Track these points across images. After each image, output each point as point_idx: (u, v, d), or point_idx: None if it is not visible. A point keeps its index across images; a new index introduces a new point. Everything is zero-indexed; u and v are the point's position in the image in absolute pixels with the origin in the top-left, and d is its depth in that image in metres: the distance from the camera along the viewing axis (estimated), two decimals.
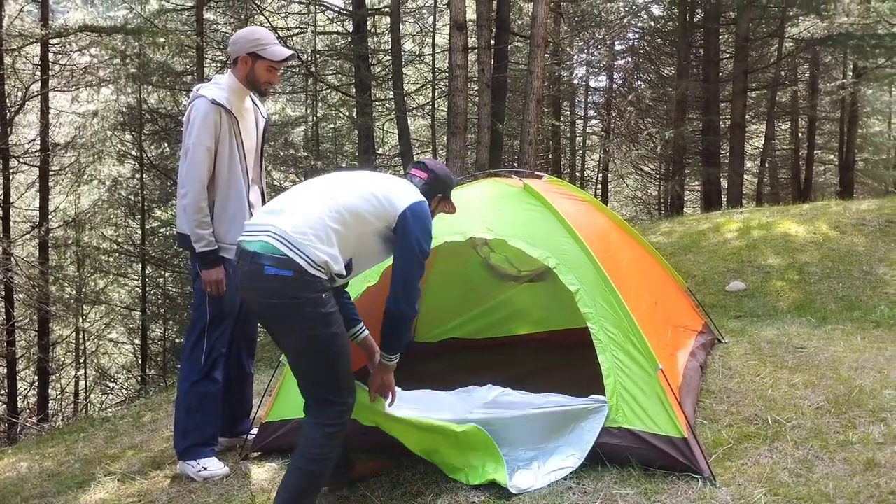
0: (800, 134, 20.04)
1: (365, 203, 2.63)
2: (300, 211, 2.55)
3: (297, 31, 15.45)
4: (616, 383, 3.06)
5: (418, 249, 2.68)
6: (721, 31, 16.44)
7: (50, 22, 12.22)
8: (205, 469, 3.29)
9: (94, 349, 16.38)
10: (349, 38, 15.02)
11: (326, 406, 2.61)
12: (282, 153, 14.53)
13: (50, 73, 12.11)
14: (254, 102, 3.49)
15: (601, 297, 3.21)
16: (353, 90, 14.90)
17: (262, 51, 3.23)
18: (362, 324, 3.01)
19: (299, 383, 2.70)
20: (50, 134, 12.91)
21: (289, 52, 3.29)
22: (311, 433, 2.60)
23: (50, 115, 12.79)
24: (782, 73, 17.79)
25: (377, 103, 15.89)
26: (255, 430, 3.62)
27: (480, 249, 5.11)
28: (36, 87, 11.96)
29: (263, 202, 3.55)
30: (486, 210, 3.67)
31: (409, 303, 2.67)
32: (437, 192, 2.97)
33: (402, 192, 2.73)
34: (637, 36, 18.23)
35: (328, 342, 2.56)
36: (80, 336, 15.73)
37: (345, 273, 2.62)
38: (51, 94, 12.77)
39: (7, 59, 10.93)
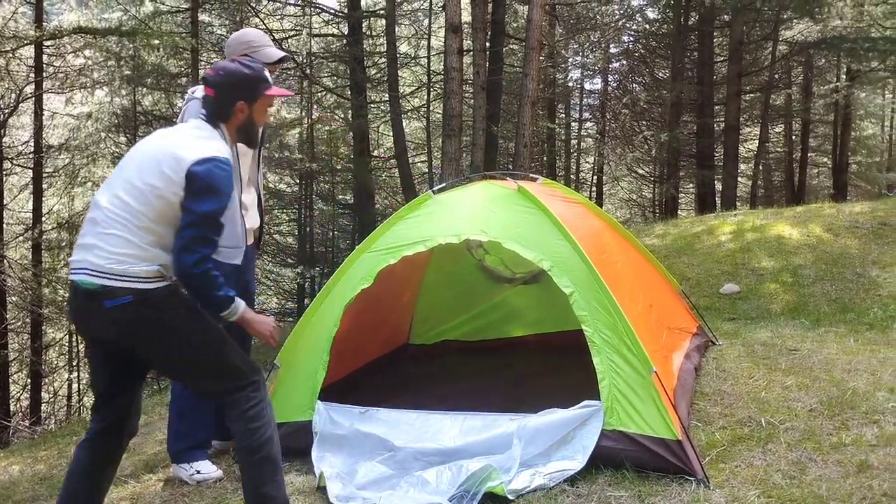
0: (793, 137, 20.12)
1: (156, 197, 2.42)
2: (108, 240, 2.40)
3: (292, 33, 15.43)
4: (611, 385, 3.06)
5: (198, 211, 2.40)
6: (715, 34, 16.50)
7: (44, 24, 12.18)
8: (198, 472, 3.29)
9: (87, 352, 16.31)
10: (344, 41, 15.00)
11: (235, 393, 2.52)
12: (276, 155, 14.50)
13: (44, 74, 12.06)
14: None
15: (595, 299, 3.22)
16: (349, 92, 14.89)
17: (254, 53, 3.23)
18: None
19: (198, 388, 2.60)
20: (44, 136, 12.86)
21: (281, 54, 3.28)
22: (237, 426, 2.52)
23: (44, 117, 12.73)
24: (776, 76, 17.84)
25: (372, 105, 15.87)
26: None
27: (475, 251, 5.12)
28: (30, 88, 11.92)
29: (260, 204, 3.56)
30: (480, 212, 3.67)
31: (182, 264, 2.38)
32: (236, 98, 2.60)
33: (185, 152, 2.44)
34: (632, 39, 18.26)
35: (204, 336, 2.48)
36: (74, 339, 15.66)
37: None
38: (45, 96, 12.72)
39: (1, 61, 10.89)
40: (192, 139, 2.52)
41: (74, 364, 15.95)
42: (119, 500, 3.25)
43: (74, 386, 15.96)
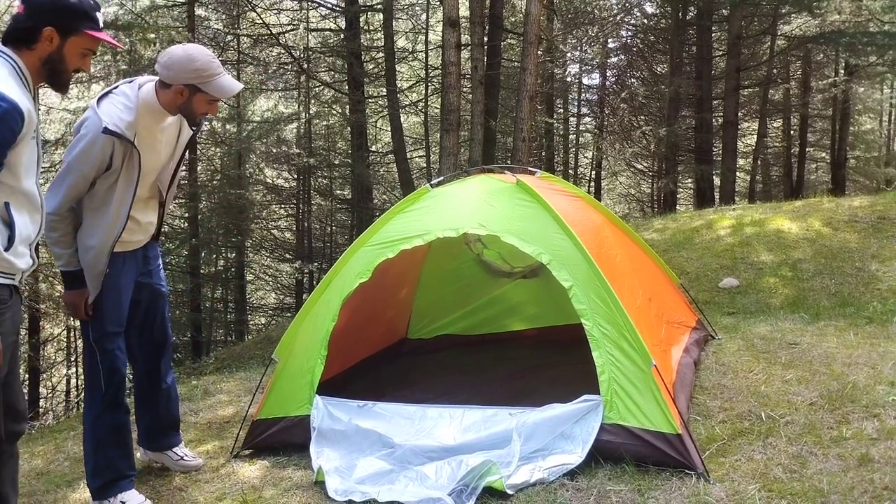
0: (792, 131, 20.13)
1: None
2: None
3: (289, 27, 15.38)
4: (610, 379, 3.05)
5: None
6: (714, 28, 16.49)
7: None
8: (122, 503, 2.98)
9: None
10: (342, 35, 14.96)
11: None
12: (274, 150, 14.49)
13: None
14: None
15: (595, 293, 3.20)
16: (346, 87, 14.87)
17: (203, 85, 2.82)
18: None
19: None
20: (40, 131, 12.80)
21: (237, 88, 2.90)
22: None
23: (40, 112, 12.67)
24: (774, 71, 17.85)
25: (370, 100, 15.85)
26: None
27: (474, 245, 5.10)
28: None
29: (161, 217, 3.17)
30: (479, 206, 3.65)
31: None
32: (46, 21, 2.19)
33: None
34: (630, 33, 18.26)
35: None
36: (71, 334, 15.63)
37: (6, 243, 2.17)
38: (41, 91, 12.64)
39: None
40: None
41: (72, 359, 15.93)
42: None
43: (73, 381, 15.94)
